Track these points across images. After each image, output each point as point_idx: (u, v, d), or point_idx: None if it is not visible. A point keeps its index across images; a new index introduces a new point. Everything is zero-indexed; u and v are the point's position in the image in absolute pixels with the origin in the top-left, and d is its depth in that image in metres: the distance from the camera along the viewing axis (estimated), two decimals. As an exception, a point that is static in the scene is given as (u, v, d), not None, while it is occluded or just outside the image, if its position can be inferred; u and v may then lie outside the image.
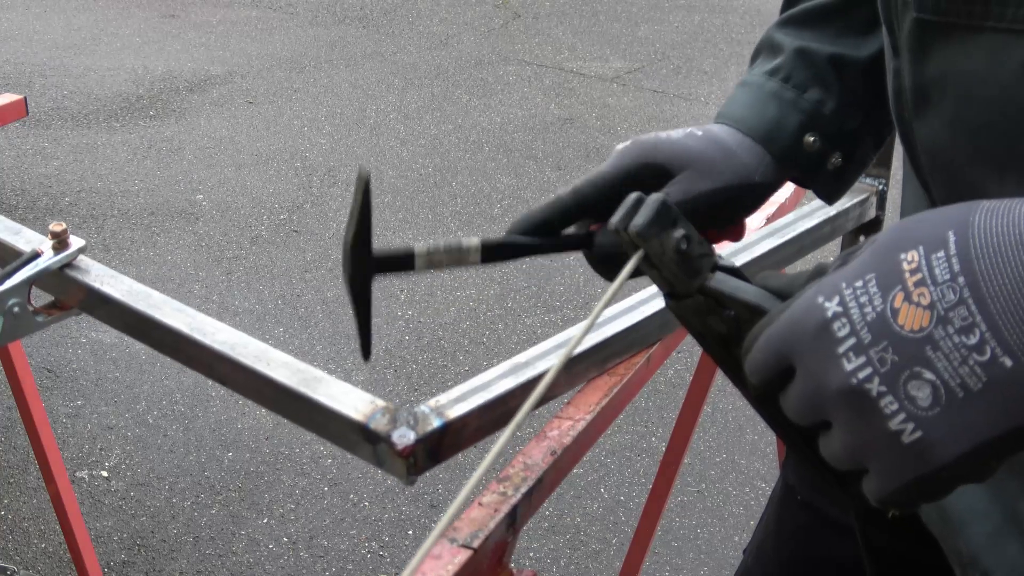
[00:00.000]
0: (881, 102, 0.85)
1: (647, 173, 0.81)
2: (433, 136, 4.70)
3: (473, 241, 0.73)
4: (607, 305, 0.65)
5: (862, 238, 1.42)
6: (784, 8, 0.91)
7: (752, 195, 0.84)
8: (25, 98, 1.90)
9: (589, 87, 5.40)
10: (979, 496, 0.75)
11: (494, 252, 0.74)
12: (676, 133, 0.83)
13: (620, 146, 0.84)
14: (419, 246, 0.72)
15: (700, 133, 0.83)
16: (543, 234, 0.78)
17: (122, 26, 6.12)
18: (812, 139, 0.84)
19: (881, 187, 1.39)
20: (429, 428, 0.86)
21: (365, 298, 0.72)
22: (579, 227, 0.81)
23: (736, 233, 0.87)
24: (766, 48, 0.90)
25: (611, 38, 6.23)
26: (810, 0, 0.88)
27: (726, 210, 0.83)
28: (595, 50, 6.01)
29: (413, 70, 5.57)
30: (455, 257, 0.73)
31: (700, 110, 5.13)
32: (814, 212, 1.30)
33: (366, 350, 0.74)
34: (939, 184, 0.68)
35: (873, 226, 1.41)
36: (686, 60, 5.87)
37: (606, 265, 0.79)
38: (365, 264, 0.70)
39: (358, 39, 6.06)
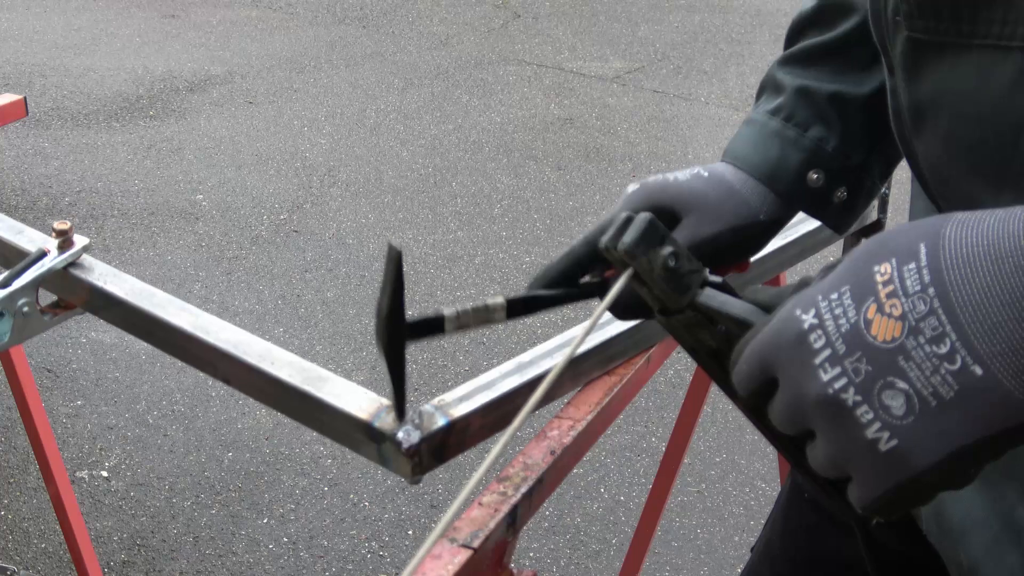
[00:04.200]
0: (884, 135, 0.86)
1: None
2: (433, 136, 4.71)
3: (498, 300, 0.76)
4: (598, 318, 0.67)
5: (863, 241, 1.43)
6: (786, 46, 0.92)
7: (758, 233, 0.86)
8: (25, 98, 1.90)
9: (589, 87, 5.41)
10: (977, 505, 0.75)
11: (518, 308, 0.77)
12: (682, 175, 0.85)
13: (629, 189, 0.86)
14: (448, 311, 0.75)
15: (706, 174, 0.85)
16: (562, 285, 0.81)
17: (122, 26, 6.12)
18: (816, 176, 0.86)
19: (883, 190, 1.39)
20: (434, 427, 0.87)
21: (400, 364, 0.76)
22: (594, 274, 0.83)
23: (741, 267, 0.89)
24: (769, 87, 0.91)
25: (611, 38, 6.23)
26: (810, 39, 0.89)
27: (733, 250, 0.85)
28: (595, 50, 6.01)
29: (413, 70, 5.57)
30: (482, 317, 0.76)
31: (700, 110, 5.14)
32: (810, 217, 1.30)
33: (400, 411, 0.80)
34: (944, 198, 0.69)
35: (874, 229, 1.41)
36: (686, 60, 5.87)
37: (621, 309, 0.82)
38: (400, 333, 0.74)
39: (358, 39, 6.06)
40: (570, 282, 0.81)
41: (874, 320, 0.51)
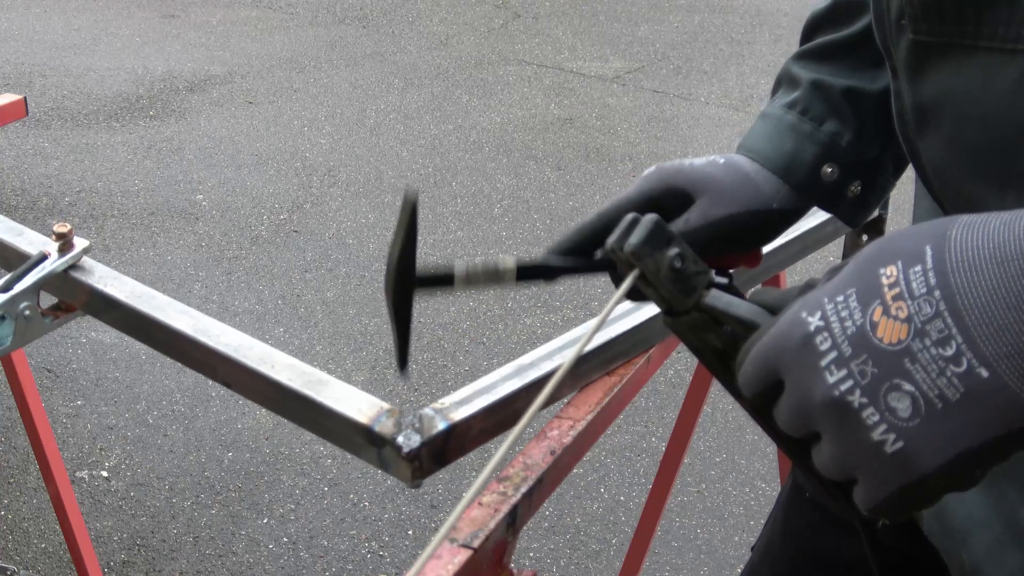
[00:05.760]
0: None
1: (669, 197, 0.84)
2: (433, 136, 4.71)
3: (509, 263, 0.76)
4: (606, 317, 0.66)
5: (864, 238, 1.43)
6: (801, 43, 0.93)
7: (771, 222, 0.86)
8: (25, 98, 1.90)
9: (589, 87, 5.41)
10: (979, 506, 0.75)
11: (528, 273, 0.77)
12: (699, 160, 0.86)
13: (645, 172, 0.87)
14: (459, 265, 0.74)
15: (722, 161, 0.86)
16: (573, 256, 0.81)
17: (122, 26, 6.12)
18: (830, 170, 0.86)
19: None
20: (434, 431, 0.86)
21: (406, 314, 0.75)
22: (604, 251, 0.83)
23: (752, 260, 0.88)
24: (785, 81, 0.91)
25: (611, 38, 6.23)
26: (825, 36, 0.90)
27: (745, 235, 0.85)
28: (595, 50, 6.01)
29: (413, 70, 5.57)
30: (491, 277, 0.75)
31: (700, 110, 5.13)
32: (817, 212, 1.31)
33: (403, 363, 0.78)
34: (948, 200, 0.69)
35: (875, 225, 1.41)
36: (686, 60, 5.87)
37: (632, 291, 0.81)
38: (408, 282, 0.73)
39: (358, 39, 6.06)
40: (581, 254, 0.81)
41: (880, 322, 0.51)
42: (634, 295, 0.80)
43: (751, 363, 0.57)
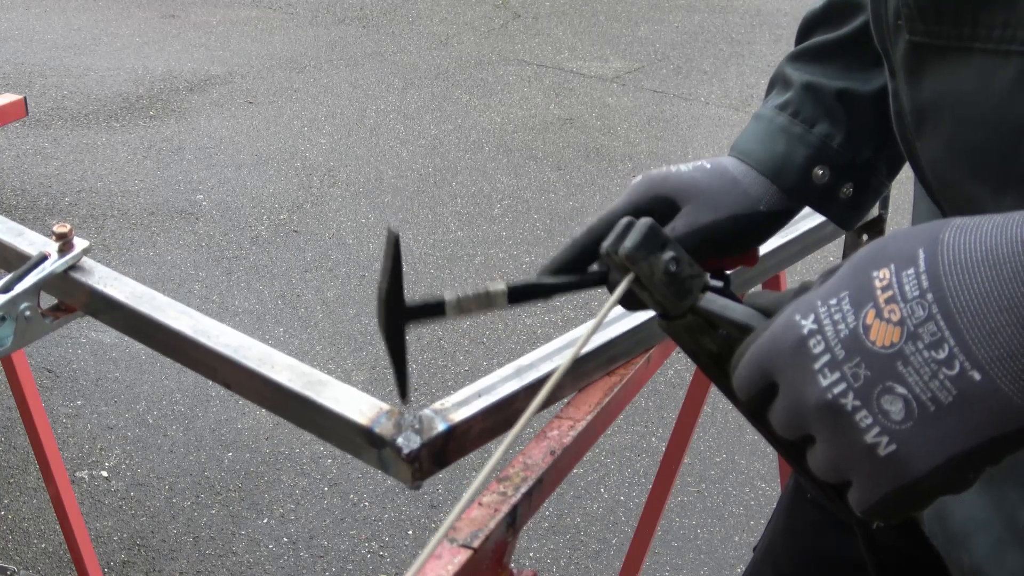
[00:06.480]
0: (891, 133, 0.87)
1: (656, 206, 0.84)
2: (433, 136, 4.71)
3: (500, 288, 0.77)
4: (602, 320, 0.66)
5: (864, 237, 1.43)
6: (797, 42, 0.93)
7: (759, 225, 0.86)
8: (25, 98, 1.90)
9: (589, 87, 5.40)
10: (980, 507, 0.76)
11: (519, 295, 0.78)
12: (686, 166, 0.86)
13: (633, 181, 0.87)
14: (449, 297, 0.76)
15: (709, 166, 0.86)
16: (567, 274, 0.82)
17: (122, 26, 6.12)
18: (821, 172, 0.86)
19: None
20: (434, 432, 0.86)
21: (400, 345, 0.77)
22: (599, 263, 0.83)
23: (750, 259, 0.88)
24: (778, 82, 0.91)
25: (611, 38, 6.23)
26: (819, 37, 0.90)
27: (733, 240, 0.85)
28: (595, 50, 6.01)
29: (413, 70, 5.57)
30: (483, 304, 0.76)
31: (700, 110, 5.13)
32: (816, 212, 1.30)
33: (403, 393, 0.79)
34: (946, 201, 0.69)
35: (875, 225, 1.41)
36: (686, 60, 5.87)
37: (625, 299, 0.81)
38: (399, 316, 0.75)
39: (358, 39, 6.06)
40: (575, 272, 0.82)
41: (873, 325, 0.51)
42: (629, 302, 0.80)
43: (745, 366, 0.58)
